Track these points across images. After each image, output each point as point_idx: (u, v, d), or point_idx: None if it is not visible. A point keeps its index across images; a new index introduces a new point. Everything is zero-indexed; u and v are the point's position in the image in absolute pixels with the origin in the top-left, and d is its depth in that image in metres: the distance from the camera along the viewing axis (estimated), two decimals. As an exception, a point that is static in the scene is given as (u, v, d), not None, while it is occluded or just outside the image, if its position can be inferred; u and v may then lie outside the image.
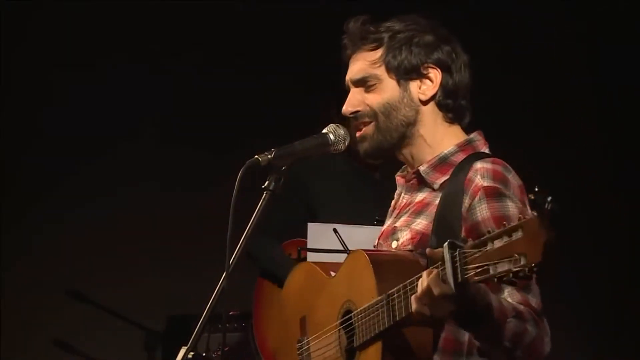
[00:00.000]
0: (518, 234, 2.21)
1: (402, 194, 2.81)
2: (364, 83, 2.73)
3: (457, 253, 2.30)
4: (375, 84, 2.72)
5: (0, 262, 5.52)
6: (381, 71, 2.71)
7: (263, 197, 2.59)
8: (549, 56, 5.86)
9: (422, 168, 2.71)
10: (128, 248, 5.64)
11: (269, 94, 5.76)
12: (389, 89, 2.71)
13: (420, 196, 2.73)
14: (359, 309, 2.64)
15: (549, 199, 3.04)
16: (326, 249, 4.06)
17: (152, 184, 5.70)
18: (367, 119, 2.72)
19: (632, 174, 5.86)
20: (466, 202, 2.59)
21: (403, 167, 2.82)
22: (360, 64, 2.73)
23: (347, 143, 2.74)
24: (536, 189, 3.07)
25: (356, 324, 2.65)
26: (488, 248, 2.25)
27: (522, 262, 2.19)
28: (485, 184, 2.59)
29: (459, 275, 2.29)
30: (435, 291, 2.35)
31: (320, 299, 2.85)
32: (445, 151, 2.71)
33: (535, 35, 5.83)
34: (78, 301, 5.40)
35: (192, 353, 2.53)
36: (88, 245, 5.61)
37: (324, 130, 2.73)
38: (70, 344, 5.50)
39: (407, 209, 2.74)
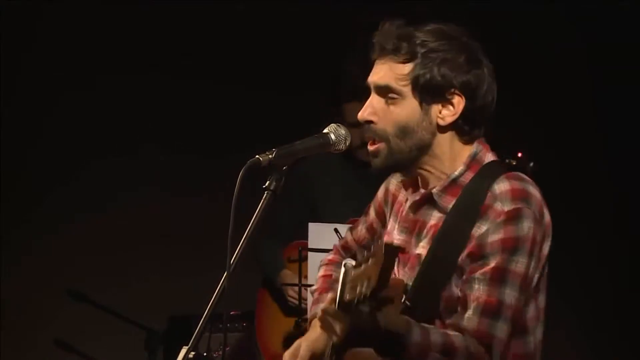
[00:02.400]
0: (373, 259, 2.20)
1: (410, 211, 2.76)
2: (385, 94, 2.65)
3: (346, 271, 2.28)
4: (397, 99, 2.64)
5: (0, 262, 5.52)
6: (407, 89, 2.63)
7: (264, 197, 2.59)
8: (548, 56, 5.86)
9: (434, 191, 2.67)
10: (129, 248, 5.64)
11: (268, 94, 5.77)
12: (409, 109, 2.64)
13: (433, 219, 2.70)
14: None
15: (531, 164, 3.12)
16: (327, 249, 4.06)
17: (153, 184, 5.70)
18: (377, 138, 2.66)
19: (632, 174, 5.87)
20: (483, 226, 2.56)
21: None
22: (387, 73, 2.65)
23: (348, 143, 2.72)
24: (519, 155, 3.14)
25: None
26: (362, 268, 2.24)
27: (371, 286, 2.19)
28: (507, 208, 2.56)
29: (342, 295, 2.28)
30: (325, 311, 2.36)
31: None
32: (456, 172, 2.66)
33: (536, 36, 5.84)
34: (79, 301, 5.41)
35: (193, 353, 2.52)
36: (89, 245, 5.62)
37: (325, 130, 2.70)
38: (71, 344, 5.50)
39: (425, 232, 2.70)
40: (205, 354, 4.79)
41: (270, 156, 2.58)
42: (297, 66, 5.72)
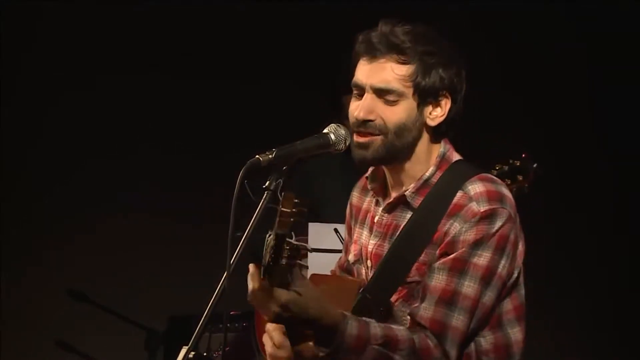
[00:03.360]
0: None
1: (382, 212, 2.78)
2: (385, 94, 2.67)
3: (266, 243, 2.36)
4: (397, 101, 2.67)
5: (0, 262, 5.52)
6: (409, 91, 2.66)
7: (264, 197, 2.59)
8: (548, 56, 5.86)
9: (408, 193, 2.71)
10: (129, 248, 5.64)
11: (268, 94, 5.76)
12: (408, 109, 2.67)
13: (407, 221, 2.72)
14: None
15: (535, 165, 3.23)
16: (327, 248, 4.07)
17: (154, 184, 5.70)
18: (377, 132, 2.68)
19: (632, 174, 5.86)
20: (457, 224, 2.60)
21: (372, 174, 2.82)
22: (388, 74, 2.66)
23: (347, 143, 2.72)
24: (523, 156, 3.22)
25: None
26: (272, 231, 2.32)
27: (279, 237, 2.29)
28: (482, 208, 2.60)
29: (263, 262, 2.36)
30: (251, 292, 2.44)
31: None
32: (427, 173, 2.71)
33: (536, 36, 5.84)
34: (79, 301, 5.41)
35: (193, 353, 2.53)
36: (89, 245, 5.61)
37: (325, 130, 2.70)
38: (71, 344, 5.50)
39: (397, 234, 2.72)
40: (205, 354, 4.79)
41: (270, 156, 2.58)
42: (297, 66, 5.71)
